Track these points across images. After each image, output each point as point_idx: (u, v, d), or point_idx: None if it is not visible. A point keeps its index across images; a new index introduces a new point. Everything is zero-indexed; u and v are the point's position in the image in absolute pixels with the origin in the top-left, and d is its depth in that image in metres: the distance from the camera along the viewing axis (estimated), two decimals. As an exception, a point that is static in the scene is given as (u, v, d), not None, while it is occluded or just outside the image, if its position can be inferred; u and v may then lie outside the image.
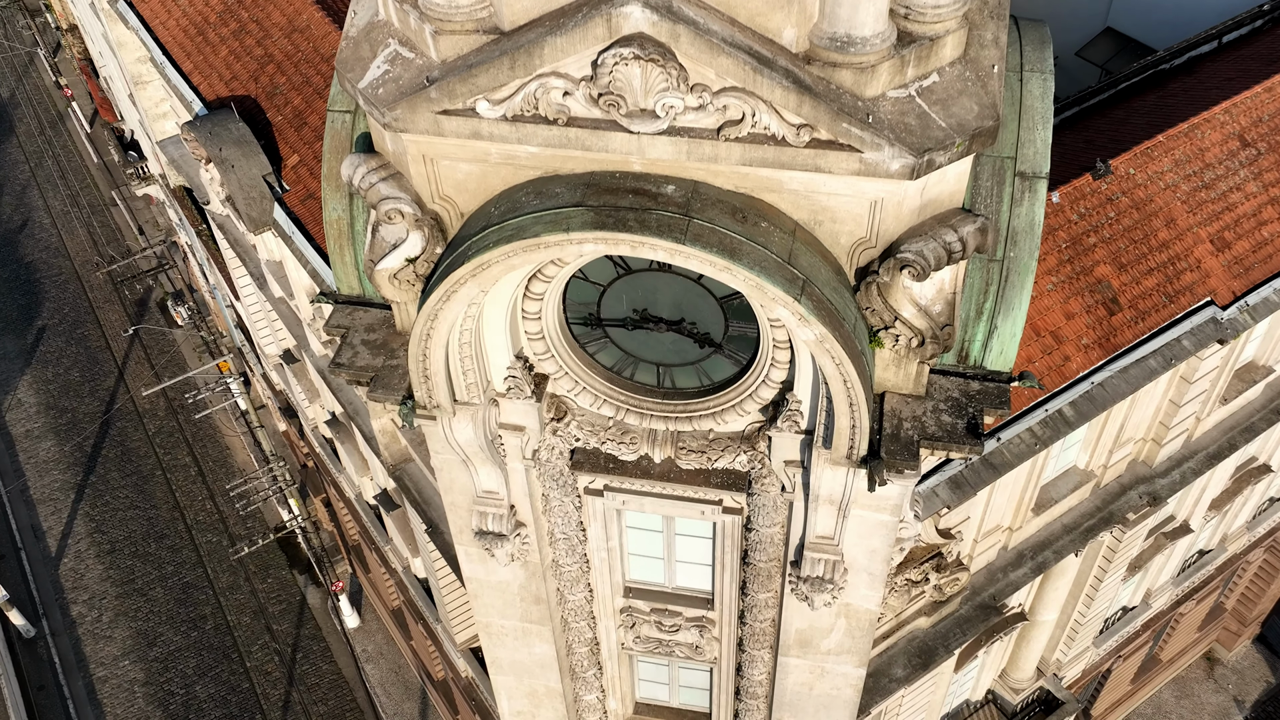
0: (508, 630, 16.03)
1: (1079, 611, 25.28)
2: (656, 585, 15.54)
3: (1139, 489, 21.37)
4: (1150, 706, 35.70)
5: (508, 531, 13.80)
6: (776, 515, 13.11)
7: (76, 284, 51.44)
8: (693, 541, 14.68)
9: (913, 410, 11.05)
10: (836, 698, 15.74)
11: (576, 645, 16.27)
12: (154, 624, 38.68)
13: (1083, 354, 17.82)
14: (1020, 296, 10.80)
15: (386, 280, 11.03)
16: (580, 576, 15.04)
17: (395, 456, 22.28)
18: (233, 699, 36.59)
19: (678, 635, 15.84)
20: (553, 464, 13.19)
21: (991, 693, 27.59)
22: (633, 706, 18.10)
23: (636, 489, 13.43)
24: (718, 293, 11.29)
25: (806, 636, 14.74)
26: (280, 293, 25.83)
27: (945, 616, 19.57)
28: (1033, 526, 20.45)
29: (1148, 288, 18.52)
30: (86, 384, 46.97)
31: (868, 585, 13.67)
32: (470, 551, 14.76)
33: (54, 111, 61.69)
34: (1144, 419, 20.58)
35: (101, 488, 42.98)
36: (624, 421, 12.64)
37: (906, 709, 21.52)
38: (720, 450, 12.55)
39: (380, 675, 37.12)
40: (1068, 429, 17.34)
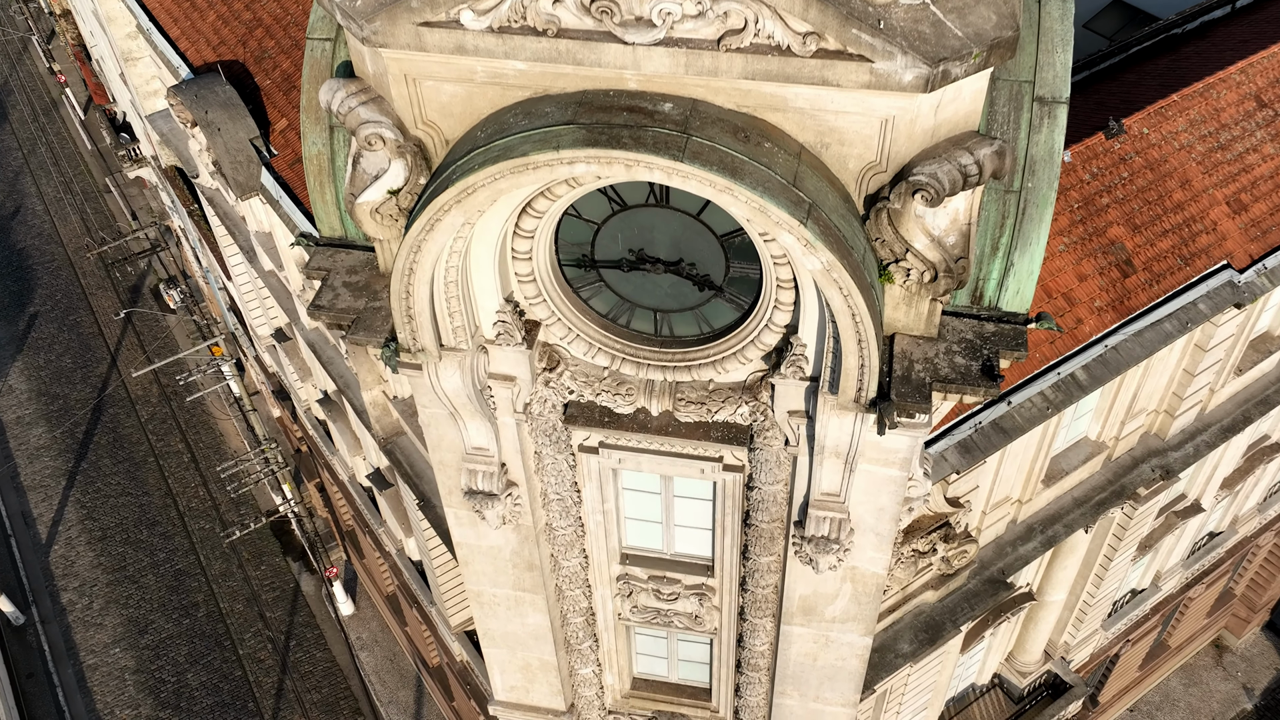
0: (500, 599, 15.44)
1: (1088, 592, 24.67)
2: (654, 551, 14.94)
3: (1151, 462, 20.78)
4: (1158, 694, 35.10)
5: (499, 491, 13.20)
6: (780, 472, 12.52)
7: (69, 270, 50.83)
8: (692, 504, 14.08)
9: (924, 352, 10.45)
10: (841, 669, 15.14)
11: (571, 615, 15.67)
12: (145, 611, 38.08)
13: (1096, 316, 17.22)
14: (1038, 231, 10.20)
15: (368, 216, 10.44)
16: (575, 541, 14.45)
17: (387, 430, 21.68)
18: (225, 687, 35.99)
19: (676, 604, 15.24)
20: (545, 418, 12.59)
21: (998, 676, 26.98)
22: (630, 682, 17.50)
23: (633, 445, 12.84)
24: (718, 230, 10.70)
25: (810, 603, 14.14)
26: (270, 265, 25.23)
27: (953, 591, 18.97)
28: (1042, 499, 19.85)
29: (1163, 250, 17.93)
30: (79, 370, 46.37)
31: (875, 547, 13.07)
32: (460, 514, 14.17)
33: (48, 98, 61.09)
34: (1157, 389, 19.98)
35: (93, 474, 42.39)
36: (620, 372, 12.04)
37: (912, 688, 20.91)
38: (721, 401, 11.96)
39: (375, 663, 36.52)
40: (1081, 393, 16.73)
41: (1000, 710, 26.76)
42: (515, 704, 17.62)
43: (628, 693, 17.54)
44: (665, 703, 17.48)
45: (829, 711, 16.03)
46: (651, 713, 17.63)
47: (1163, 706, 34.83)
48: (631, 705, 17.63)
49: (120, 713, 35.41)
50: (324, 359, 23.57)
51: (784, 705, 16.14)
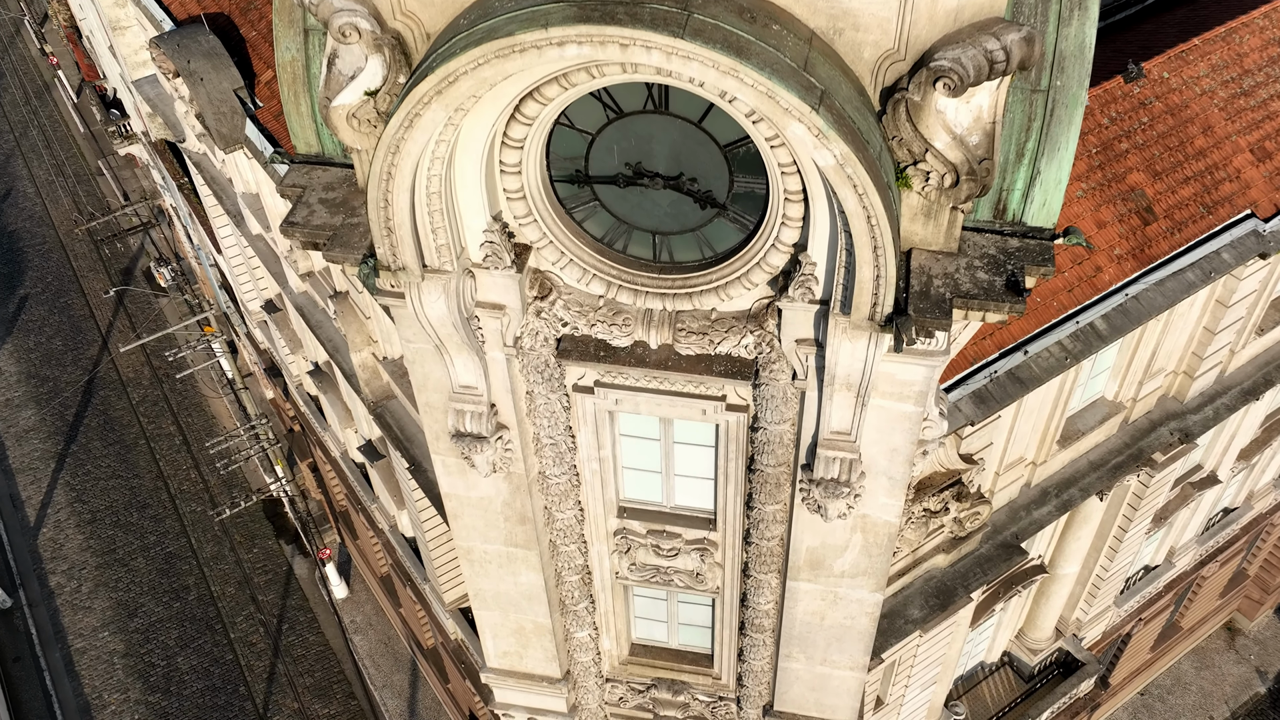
0: (491, 556, 14.67)
1: (1101, 565, 23.91)
2: (654, 504, 14.18)
3: (1170, 425, 20.03)
4: (1169, 678, 34.35)
5: (488, 433, 12.44)
6: (786, 409, 11.75)
7: (60, 253, 50.09)
8: (693, 452, 13.32)
9: (944, 268, 9.69)
10: (850, 628, 14.37)
11: (566, 573, 14.91)
12: (135, 594, 37.34)
13: (1115, 265, 16.47)
14: (1068, 135, 9.43)
15: (344, 122, 9.69)
16: (569, 491, 13.68)
17: (376, 394, 20.94)
18: (216, 671, 35.24)
19: (676, 560, 14.48)
20: (537, 353, 11.83)
21: (1007, 654, 26.24)
22: (628, 647, 16.73)
23: (631, 384, 12.08)
24: (721, 139, 9.94)
25: (818, 556, 13.38)
26: (257, 228, 24.50)
27: (965, 555, 18.22)
28: (1057, 462, 19.10)
29: (1184, 197, 17.18)
30: (69, 352, 45.62)
31: (887, 492, 12.31)
32: (448, 462, 13.40)
33: (40, 81, 60.38)
34: (1176, 348, 19.24)
35: (83, 456, 41.63)
36: (616, 301, 11.29)
37: (921, 660, 20.16)
38: (724, 331, 11.20)
39: (369, 647, 35.77)
40: (1100, 344, 15.99)
41: (1010, 689, 26.02)
42: (508, 671, 16.86)
43: (626, 659, 16.78)
44: (665, 669, 16.72)
45: (837, 675, 15.27)
46: (651, 679, 16.87)
47: (1174, 690, 34.08)
48: (630, 672, 16.87)
49: (108, 697, 34.67)
50: (313, 323, 22.83)
51: (789, 669, 15.38)
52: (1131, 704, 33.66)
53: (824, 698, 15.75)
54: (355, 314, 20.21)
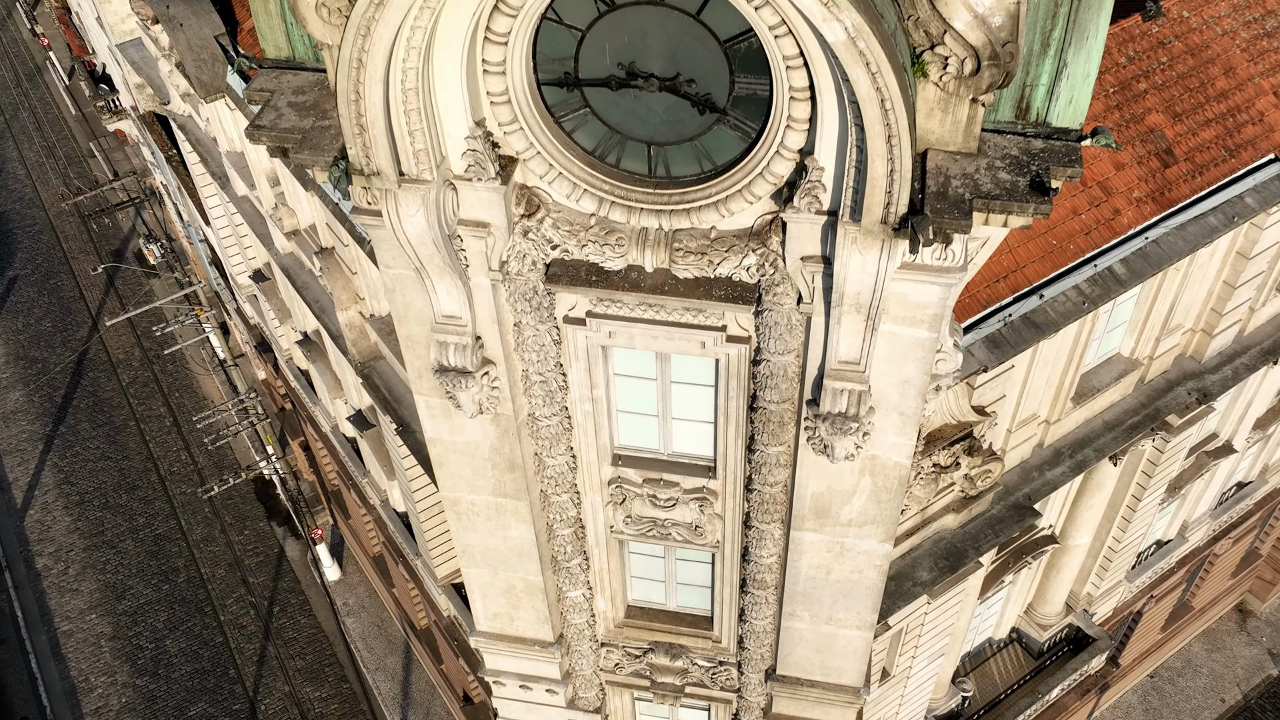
0: (479, 508, 13.92)
1: (1113, 537, 23.16)
2: (650, 451, 13.43)
3: (1187, 385, 19.28)
4: (1180, 660, 33.59)
5: (473, 368, 11.69)
6: (791, 339, 11.01)
7: (50, 234, 49.33)
8: (691, 393, 12.56)
9: (962, 168, 8.94)
10: (858, 583, 13.63)
11: (559, 527, 14.16)
12: (123, 577, 36.58)
13: (1134, 208, 15.73)
14: (1097, 22, 8.69)
15: (313, 13, 8.93)
16: (561, 435, 12.93)
17: (364, 354, 20.20)
18: (205, 653, 34.49)
19: (674, 512, 13.72)
20: (524, 278, 11.08)
21: (1016, 631, 25.48)
22: (624, 609, 15.98)
23: (625, 314, 11.33)
24: (721, 33, 9.18)
25: (824, 503, 12.63)
26: (243, 188, 23.76)
27: (975, 517, 17.47)
28: (1071, 421, 18.35)
29: (1205, 140, 16.44)
30: (58, 334, 44.87)
31: (898, 430, 11.56)
32: (432, 403, 12.66)
33: (32, 64, 59.62)
34: (1194, 303, 18.50)
35: (71, 438, 40.88)
36: (608, 219, 10.54)
37: (929, 629, 19.39)
38: (724, 251, 10.46)
39: (362, 629, 35.02)
40: (1119, 288, 15.25)
41: (1019, 666, 25.27)
42: (498, 634, 16.11)
43: (622, 621, 16.03)
44: (663, 632, 15.97)
45: (843, 635, 14.53)
46: (648, 643, 16.12)
47: (1184, 672, 33.32)
48: (626, 636, 16.12)
49: (95, 679, 33.92)
50: (299, 284, 22.10)
51: (793, 629, 14.63)
52: (1141, 686, 32.91)
53: (829, 660, 15.01)
54: (341, 270, 19.47)
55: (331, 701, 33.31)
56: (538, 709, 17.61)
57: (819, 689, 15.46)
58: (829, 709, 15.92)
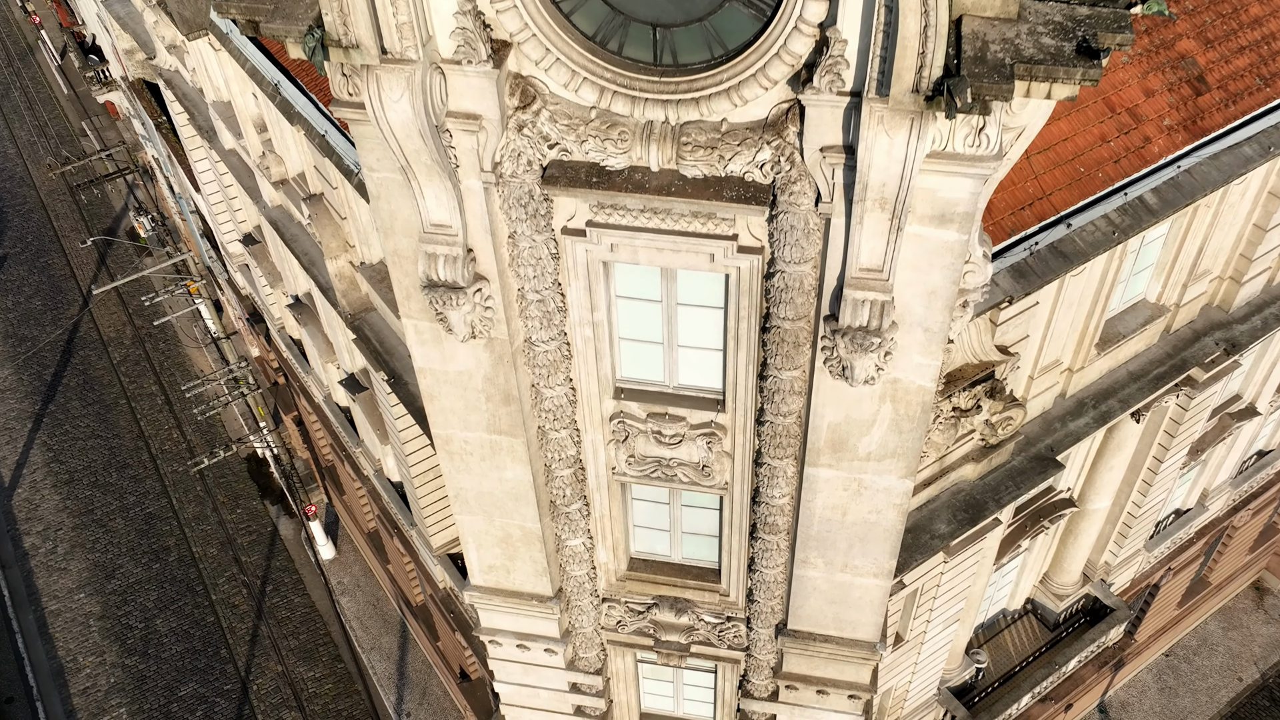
0: (472, 446, 13.08)
1: (1133, 502, 22.32)
2: (654, 384, 12.59)
3: (1215, 335, 18.46)
4: (1195, 638, 32.75)
5: (465, 282, 10.85)
6: (808, 245, 10.17)
7: (41, 213, 48.51)
8: (698, 317, 11.73)
9: (1001, 33, 8.10)
10: (875, 525, 12.78)
11: (557, 467, 13.32)
12: (113, 556, 35.75)
13: (1165, 137, 14.89)
14: None
15: None
16: (559, 363, 12.09)
17: (354, 305, 19.37)
18: (196, 633, 33.65)
19: (680, 450, 12.88)
20: (519, 181, 10.24)
21: (1031, 601, 24.65)
22: (626, 561, 15.14)
23: (628, 223, 10.49)
24: (735, -109, 8.35)
25: (841, 434, 11.79)
26: (231, 141, 22.92)
27: (995, 468, 16.63)
28: (1095, 371, 17.52)
29: (1239, 68, 15.60)
30: (49, 313, 44.04)
31: (922, 349, 10.72)
32: (421, 328, 11.82)
33: (24, 43, 58.81)
34: (1224, 247, 17.68)
35: (61, 416, 40.05)
36: (610, 111, 9.70)
37: (945, 590, 18.56)
38: (735, 145, 9.61)
39: (356, 608, 34.19)
40: (1150, 219, 14.42)
41: (1034, 638, 24.44)
42: (494, 589, 15.28)
43: (624, 574, 15.18)
44: (667, 586, 15.13)
45: (859, 585, 13.69)
46: (651, 598, 15.28)
47: (1200, 651, 32.48)
48: (629, 589, 15.28)
49: (84, 659, 33.09)
50: (288, 237, 21.27)
51: (806, 578, 13.80)
52: (1156, 665, 32.08)
53: (844, 612, 14.17)
54: (330, 216, 18.64)
55: (325, 681, 32.48)
56: (536, 670, 16.78)
57: (832, 644, 14.62)
58: (843, 667, 15.09)
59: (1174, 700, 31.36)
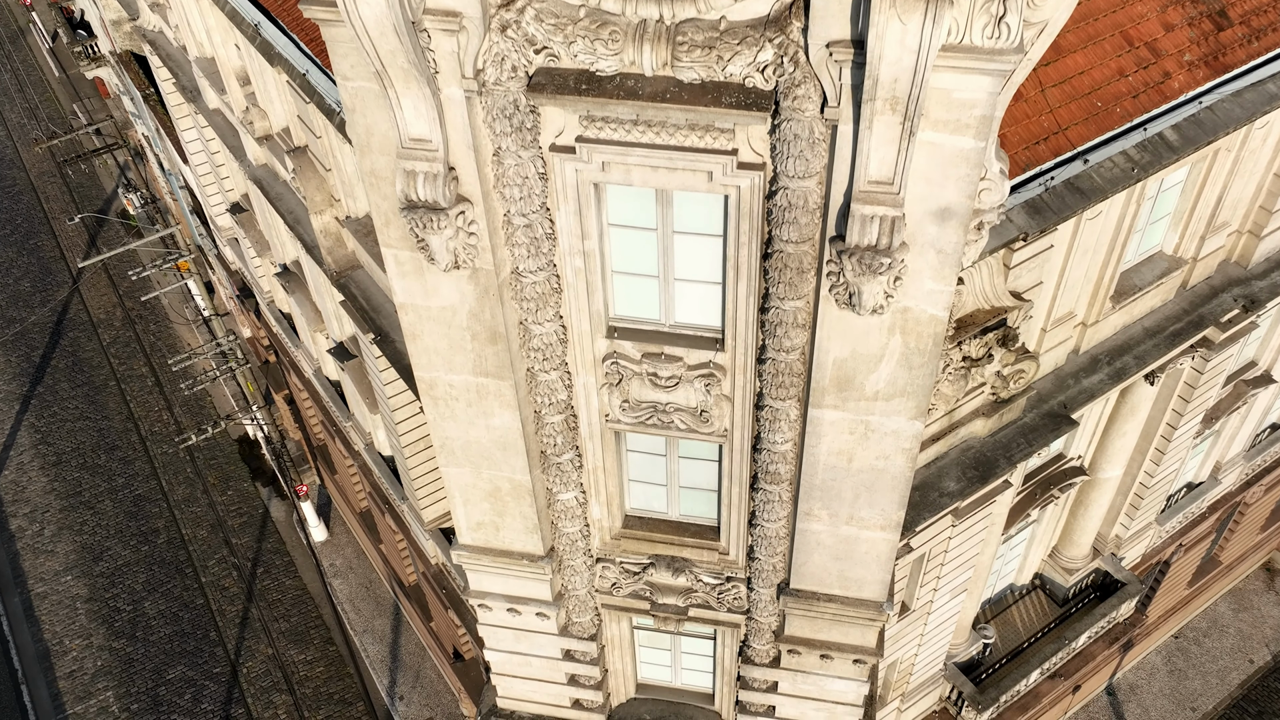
0: (458, 391, 12.40)
1: (1146, 471, 21.66)
2: (649, 322, 11.90)
3: (1233, 291, 17.79)
4: (1205, 620, 32.08)
5: (446, 203, 10.16)
6: (813, 158, 9.49)
7: (31, 195, 47.85)
8: (696, 247, 11.05)
9: (1025, -98, 7.42)
10: (883, 472, 12.10)
11: (547, 413, 12.63)
12: (101, 538, 35.08)
13: (1186, 72, 14.22)
14: None
15: None
16: (548, 297, 11.41)
17: (340, 263, 18.69)
18: (185, 615, 32.98)
19: (677, 393, 12.20)
20: (504, 90, 9.56)
21: (1040, 576, 23.98)
22: (621, 518, 14.45)
23: (621, 138, 9.81)
24: None
25: (848, 372, 11.11)
26: (215, 100, 22.24)
27: (1007, 424, 15.96)
28: (1110, 326, 16.85)
29: (1262, 3, 14.94)
30: (38, 294, 43.38)
31: (934, 274, 10.05)
32: (401, 258, 11.14)
33: (15, 26, 58.15)
34: (1243, 198, 17.01)
35: (49, 398, 39.38)
36: (601, 9, 9.02)
37: (952, 557, 17.90)
38: (735, 44, 8.93)
39: (349, 590, 33.51)
40: (1170, 156, 13.74)
41: (1043, 614, 23.78)
42: (483, 548, 14.59)
43: (619, 532, 14.49)
44: (664, 544, 14.44)
45: (865, 539, 13.00)
46: (648, 557, 14.59)
47: (1210, 633, 31.81)
48: (624, 549, 14.59)
49: (70, 642, 32.42)
50: (273, 196, 20.60)
51: (809, 532, 13.11)
52: (1165, 647, 31.41)
53: (849, 569, 13.49)
54: (315, 169, 17.97)
55: (317, 664, 31.81)
56: (527, 637, 16.10)
57: (837, 604, 13.94)
58: (847, 629, 14.41)
59: (1183, 682, 30.70)
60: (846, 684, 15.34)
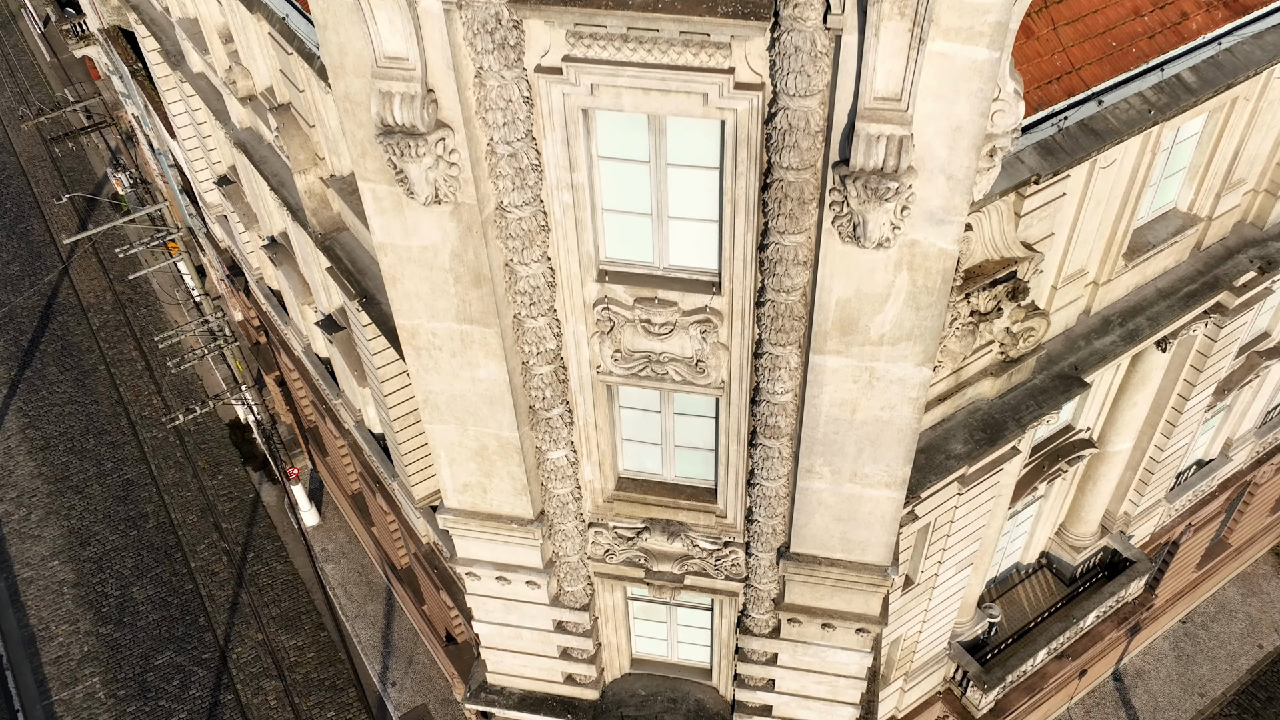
0: (441, 340, 11.79)
1: (1156, 445, 21.06)
2: (642, 265, 11.29)
3: (1249, 252, 17.19)
4: (1213, 605, 31.47)
5: (425, 127, 9.55)
6: (815, 73, 8.87)
7: (21, 179, 47.26)
8: (691, 182, 10.45)
9: None
10: (889, 424, 11.49)
11: (536, 364, 12.02)
12: (88, 522, 34.47)
13: (1204, 13, 13.62)
14: None
15: None
16: (535, 235, 10.80)
17: (325, 225, 18.09)
18: (174, 601, 32.37)
19: (671, 342, 11.60)
20: (484, 2, 8.94)
21: (1046, 555, 23.38)
22: (614, 480, 13.84)
23: (610, 57, 9.21)
24: None
25: (851, 313, 10.50)
26: (199, 63, 21.63)
27: (1016, 386, 15.36)
28: (1122, 287, 16.26)
29: (1282, -57, 14.31)
30: (26, 278, 42.78)
31: (944, 203, 9.44)
32: (379, 193, 10.52)
33: (7, 11, 57.60)
34: (1260, 155, 16.40)
35: (38, 382, 38.78)
36: (588, -90, 8.41)
37: (958, 528, 17.29)
38: (733, -54, 8.32)
39: (341, 575, 32.91)
40: (1188, 98, 13.14)
41: (1049, 593, 23.17)
42: (470, 511, 13.98)
43: (612, 495, 13.87)
44: (659, 507, 13.83)
45: (869, 498, 12.39)
46: (642, 521, 13.98)
47: (1219, 618, 31.20)
48: (617, 512, 13.98)
49: (56, 628, 31.81)
50: (257, 159, 19.98)
51: (810, 491, 12.50)
52: (1173, 632, 30.81)
53: (852, 530, 12.88)
54: (298, 126, 17.36)
55: (308, 650, 31.20)
56: (518, 608, 15.49)
57: (839, 569, 13.32)
58: (850, 596, 13.80)
59: (1191, 668, 30.09)
60: (849, 655, 14.73)
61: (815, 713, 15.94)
